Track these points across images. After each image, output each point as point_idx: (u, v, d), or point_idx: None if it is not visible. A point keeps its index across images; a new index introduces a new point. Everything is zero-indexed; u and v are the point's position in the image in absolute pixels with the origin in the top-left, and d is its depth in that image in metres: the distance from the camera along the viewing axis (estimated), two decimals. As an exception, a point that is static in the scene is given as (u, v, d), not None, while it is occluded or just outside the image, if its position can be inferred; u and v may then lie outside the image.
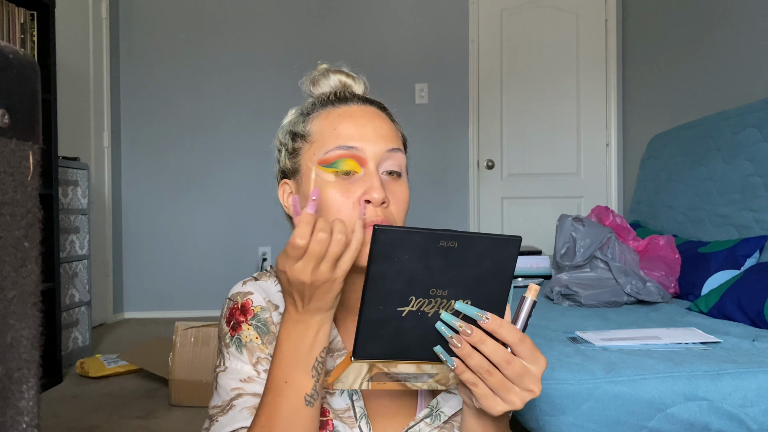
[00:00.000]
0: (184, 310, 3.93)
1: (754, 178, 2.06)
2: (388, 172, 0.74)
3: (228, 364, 0.76)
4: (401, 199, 0.74)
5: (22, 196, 0.32)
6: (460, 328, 0.57)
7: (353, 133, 0.73)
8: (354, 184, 0.72)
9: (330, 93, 0.78)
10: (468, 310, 0.58)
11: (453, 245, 0.55)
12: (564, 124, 3.91)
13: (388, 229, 0.54)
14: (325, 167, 0.72)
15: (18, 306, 0.31)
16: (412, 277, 0.56)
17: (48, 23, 2.47)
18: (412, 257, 0.55)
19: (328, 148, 0.73)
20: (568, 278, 2.00)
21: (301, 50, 3.97)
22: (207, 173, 4.00)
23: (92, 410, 2.19)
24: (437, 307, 0.57)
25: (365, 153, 0.72)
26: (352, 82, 0.80)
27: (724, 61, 2.65)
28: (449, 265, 0.56)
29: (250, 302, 0.78)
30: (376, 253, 0.54)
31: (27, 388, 0.32)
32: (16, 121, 0.32)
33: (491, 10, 3.93)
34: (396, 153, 0.74)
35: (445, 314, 0.58)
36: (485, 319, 0.57)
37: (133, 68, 4.00)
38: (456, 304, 0.58)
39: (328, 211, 0.72)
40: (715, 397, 1.16)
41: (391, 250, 0.54)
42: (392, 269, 0.55)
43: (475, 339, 0.57)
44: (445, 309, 0.58)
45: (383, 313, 0.56)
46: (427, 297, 0.57)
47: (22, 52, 0.33)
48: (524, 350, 0.58)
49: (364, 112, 0.76)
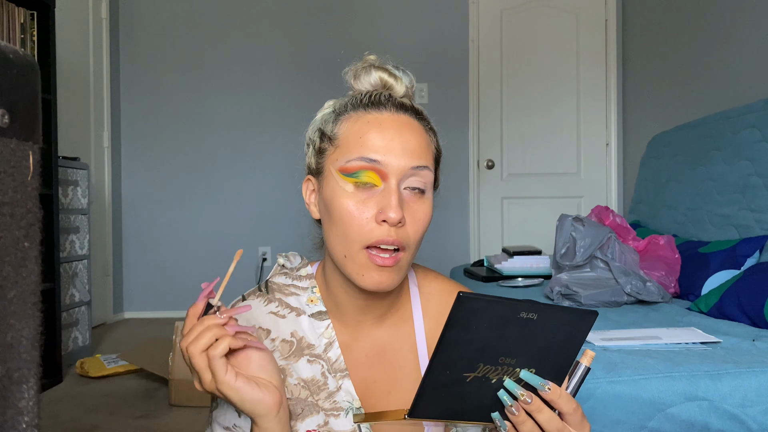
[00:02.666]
0: (184, 310, 3.92)
1: (754, 178, 2.06)
2: (410, 188, 0.70)
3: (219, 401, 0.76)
4: (420, 219, 0.71)
5: (22, 196, 0.32)
6: (521, 396, 0.57)
7: (379, 145, 0.69)
8: (372, 197, 0.69)
9: (365, 94, 0.74)
10: (532, 380, 0.57)
11: (533, 317, 0.54)
12: (564, 124, 3.90)
13: (473, 297, 0.52)
14: (345, 176, 0.70)
15: (18, 306, 0.31)
16: (485, 345, 0.54)
17: (48, 23, 2.47)
18: (490, 326, 0.53)
19: (351, 157, 0.70)
20: (568, 278, 2.00)
21: (301, 50, 3.97)
22: (207, 173, 4.00)
23: (92, 410, 2.19)
24: (502, 374, 0.57)
25: (388, 168, 0.69)
26: (394, 81, 0.75)
27: (724, 61, 2.65)
28: (524, 335, 0.55)
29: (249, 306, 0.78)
30: (455, 320, 0.52)
31: (27, 388, 0.32)
32: (16, 121, 0.32)
33: (491, 10, 3.93)
34: (422, 171, 0.70)
35: (509, 382, 0.57)
36: (547, 389, 0.57)
37: (133, 68, 4.00)
38: (522, 372, 0.57)
39: (342, 222, 0.69)
40: (715, 397, 1.16)
41: (471, 318, 0.53)
42: (467, 336, 0.53)
43: (533, 408, 0.57)
44: (509, 376, 0.57)
45: (449, 378, 0.55)
46: (496, 365, 0.56)
47: (22, 52, 0.33)
48: (575, 420, 0.59)
49: (394, 122, 0.71)
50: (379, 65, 0.76)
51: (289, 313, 0.79)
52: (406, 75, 0.76)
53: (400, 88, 0.75)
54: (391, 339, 0.80)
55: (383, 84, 0.75)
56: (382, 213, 0.67)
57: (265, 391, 0.64)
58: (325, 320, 0.79)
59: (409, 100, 0.76)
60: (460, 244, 3.97)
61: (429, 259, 0.91)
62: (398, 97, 0.75)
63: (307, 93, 3.90)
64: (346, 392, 0.75)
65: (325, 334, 0.78)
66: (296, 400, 0.75)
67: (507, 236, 3.94)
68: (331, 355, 0.77)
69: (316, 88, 3.86)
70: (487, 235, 3.97)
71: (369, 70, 0.76)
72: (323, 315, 0.79)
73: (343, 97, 0.77)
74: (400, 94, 0.75)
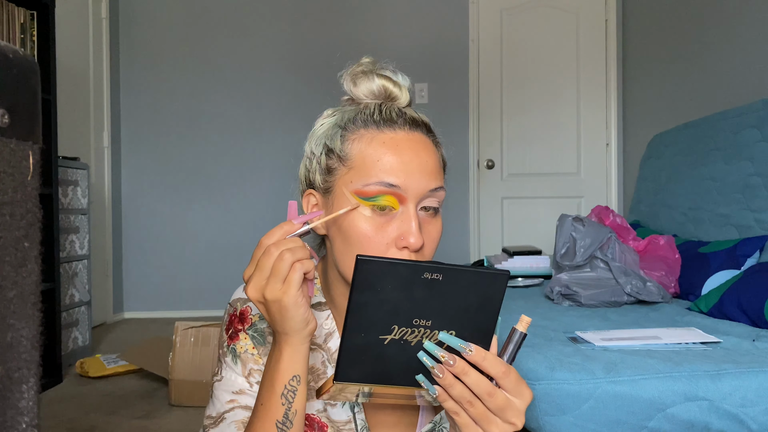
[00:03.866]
0: (184, 310, 3.93)
1: (754, 178, 2.06)
2: (425, 207, 0.70)
3: (224, 373, 0.76)
4: (434, 238, 0.71)
5: (22, 196, 0.32)
6: (443, 358, 0.57)
7: (397, 169, 0.68)
8: (390, 222, 0.68)
9: (373, 108, 0.72)
10: (451, 341, 0.57)
11: (437, 277, 0.55)
12: (564, 124, 3.91)
13: (371, 260, 0.54)
14: (362, 199, 0.68)
15: (18, 306, 0.31)
16: (395, 307, 0.56)
17: (48, 23, 2.47)
18: (396, 287, 0.55)
19: (369, 181, 0.68)
20: (568, 278, 2.00)
21: (302, 50, 3.97)
22: (207, 173, 4.00)
23: (92, 410, 2.19)
24: (420, 336, 0.57)
25: (407, 192, 0.68)
26: (398, 91, 0.73)
27: (724, 61, 2.65)
28: (434, 296, 0.56)
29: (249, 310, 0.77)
30: (359, 282, 0.54)
31: (27, 388, 0.32)
32: (16, 121, 0.32)
33: (491, 10, 3.93)
34: (438, 192, 0.70)
35: (428, 344, 0.58)
36: (468, 351, 0.57)
37: (133, 68, 4.00)
38: (440, 334, 0.58)
39: (360, 245, 0.68)
40: (715, 397, 1.16)
41: (373, 279, 0.54)
42: (375, 298, 0.55)
43: (457, 370, 0.57)
44: (429, 339, 0.58)
45: (365, 340, 0.57)
46: (410, 327, 0.57)
47: (22, 52, 0.33)
48: (509, 383, 0.58)
49: (410, 142, 0.70)
50: (379, 71, 0.74)
51: None
52: (404, 79, 0.75)
53: (405, 96, 0.74)
54: None
55: (387, 93, 0.73)
56: (403, 239, 0.67)
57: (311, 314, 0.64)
58: (325, 311, 0.79)
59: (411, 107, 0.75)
60: (460, 244, 3.97)
61: (429, 259, 0.90)
62: (403, 107, 0.73)
63: (307, 93, 3.90)
64: None
65: (325, 324, 0.78)
66: None
67: (507, 236, 3.94)
68: (331, 345, 0.77)
69: (316, 89, 3.86)
70: (487, 235, 3.97)
71: (370, 76, 0.73)
72: (323, 306, 0.79)
73: (345, 106, 0.75)
74: (404, 103, 0.74)
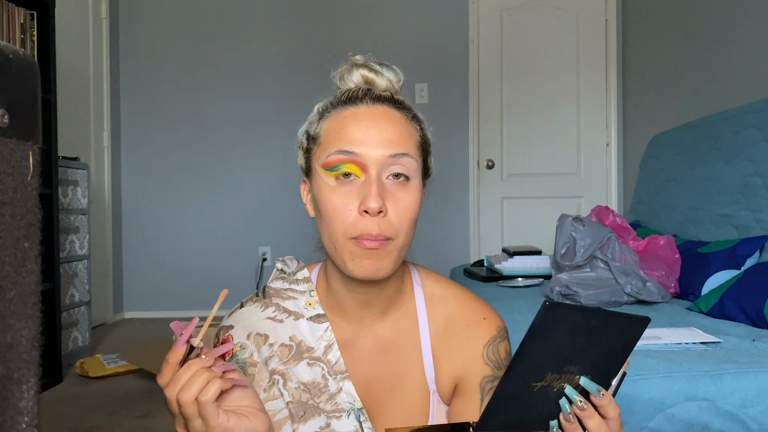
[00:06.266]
0: (184, 310, 3.93)
1: (754, 178, 2.06)
2: (394, 175, 0.71)
3: None
4: (405, 207, 0.71)
5: (22, 196, 0.32)
6: (579, 403, 0.57)
7: (355, 137, 0.70)
8: (354, 190, 0.70)
9: (345, 92, 0.76)
10: (590, 387, 0.57)
11: (599, 325, 0.54)
12: (564, 124, 3.90)
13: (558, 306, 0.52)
14: (327, 170, 0.71)
15: (18, 306, 0.31)
16: (557, 354, 0.54)
17: (48, 23, 2.47)
18: (566, 334, 0.53)
19: (330, 152, 0.71)
20: (568, 278, 2.00)
21: (302, 50, 3.97)
22: (207, 173, 4.00)
23: (92, 410, 2.19)
24: (563, 381, 0.56)
25: (366, 158, 0.70)
26: (374, 76, 0.76)
27: (724, 61, 2.65)
28: (590, 343, 0.55)
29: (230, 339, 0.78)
30: (538, 329, 0.52)
31: (27, 388, 0.32)
32: (16, 121, 0.32)
33: (491, 10, 3.93)
34: (401, 158, 0.71)
35: (570, 389, 0.57)
36: (601, 395, 0.57)
37: (133, 68, 4.00)
38: (581, 380, 0.57)
39: (328, 216, 0.71)
40: (716, 397, 1.15)
41: (551, 326, 0.52)
42: (545, 345, 0.53)
43: (586, 414, 0.58)
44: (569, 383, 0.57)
45: (521, 387, 0.55)
46: (561, 373, 0.56)
47: (22, 52, 0.33)
48: (616, 426, 0.59)
49: (371, 114, 0.72)
50: (360, 63, 0.77)
51: (287, 318, 0.79)
52: (391, 70, 0.77)
53: (382, 82, 0.76)
54: (394, 335, 0.80)
55: (365, 80, 0.76)
56: (363, 203, 0.68)
57: (254, 419, 0.63)
58: (323, 323, 0.79)
59: (392, 93, 0.76)
60: (460, 244, 3.97)
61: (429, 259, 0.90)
62: (380, 91, 0.75)
63: (307, 93, 3.89)
64: (347, 393, 0.75)
65: (324, 336, 0.78)
66: (297, 404, 0.75)
67: (507, 236, 3.94)
68: (331, 357, 0.77)
69: (316, 89, 3.83)
70: (487, 235, 3.97)
71: (351, 69, 0.77)
72: (322, 318, 0.79)
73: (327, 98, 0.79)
74: (381, 88, 0.76)
